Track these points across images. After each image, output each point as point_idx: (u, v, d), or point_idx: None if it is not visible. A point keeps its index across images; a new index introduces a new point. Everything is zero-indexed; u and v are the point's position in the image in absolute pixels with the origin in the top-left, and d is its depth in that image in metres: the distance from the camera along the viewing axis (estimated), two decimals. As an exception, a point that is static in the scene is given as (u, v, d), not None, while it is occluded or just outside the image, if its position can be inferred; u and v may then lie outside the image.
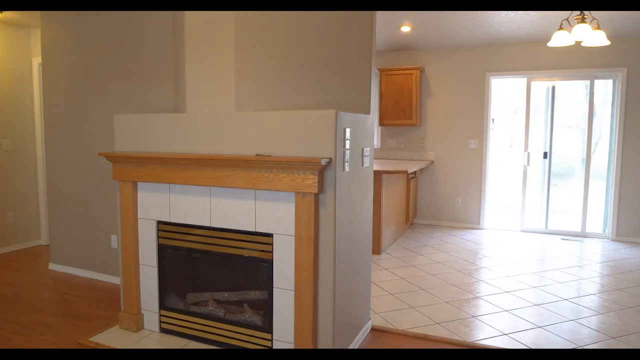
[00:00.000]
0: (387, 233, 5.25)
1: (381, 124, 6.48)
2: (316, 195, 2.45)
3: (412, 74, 6.24)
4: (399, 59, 6.57)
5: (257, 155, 2.56)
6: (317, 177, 2.39)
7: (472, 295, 3.81)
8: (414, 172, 6.14)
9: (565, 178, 6.99)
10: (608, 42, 4.07)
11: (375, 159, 6.75)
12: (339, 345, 2.62)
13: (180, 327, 2.99)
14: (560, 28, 4.12)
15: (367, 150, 2.93)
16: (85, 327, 3.13)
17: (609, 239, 5.82)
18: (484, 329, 3.17)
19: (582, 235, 5.95)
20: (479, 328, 3.19)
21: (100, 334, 3.02)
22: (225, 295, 3.00)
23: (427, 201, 6.65)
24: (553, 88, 6.11)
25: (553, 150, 6.17)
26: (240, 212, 2.69)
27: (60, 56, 4.12)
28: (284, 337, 2.64)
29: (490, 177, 6.50)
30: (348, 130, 2.56)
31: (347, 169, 2.57)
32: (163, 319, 3.04)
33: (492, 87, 6.26)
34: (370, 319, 3.20)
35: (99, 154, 2.93)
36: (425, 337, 3.05)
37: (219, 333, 2.87)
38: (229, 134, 2.70)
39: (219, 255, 2.84)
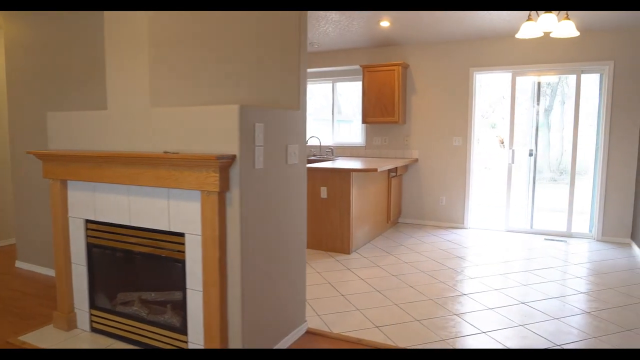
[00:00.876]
0: (359, 233, 5.09)
1: (364, 121, 6.30)
2: (221, 194, 2.33)
3: (394, 70, 6.04)
4: (383, 55, 6.38)
5: (164, 153, 2.47)
6: (218, 175, 2.27)
7: (426, 298, 3.62)
8: (395, 170, 5.95)
9: (552, 176, 6.65)
10: (577, 33, 3.81)
11: (359, 157, 6.58)
12: (260, 347, 2.51)
13: (109, 327, 2.93)
14: (529, 19, 3.90)
15: (295, 147, 2.80)
16: (22, 326, 3.11)
17: (594, 239, 5.50)
18: (424, 334, 2.99)
19: (568, 235, 5.64)
20: (419, 333, 3.01)
21: (31, 333, 2.98)
22: (152, 295, 2.92)
23: (411, 200, 6.44)
24: (539, 84, 5.82)
25: (539, 148, 5.87)
26: (155, 211, 2.60)
27: (20, 55, 4.13)
28: (197, 339, 2.54)
29: (476, 176, 6.25)
30: (260, 126, 2.43)
31: (259, 165, 2.45)
32: (94, 318, 2.99)
33: (477, 83, 6.01)
34: (306, 321, 3.07)
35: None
36: (358, 342, 2.89)
37: (142, 334, 2.79)
38: (142, 131, 2.61)
39: (140, 255, 2.76)
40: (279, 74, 2.83)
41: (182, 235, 2.53)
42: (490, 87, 7.70)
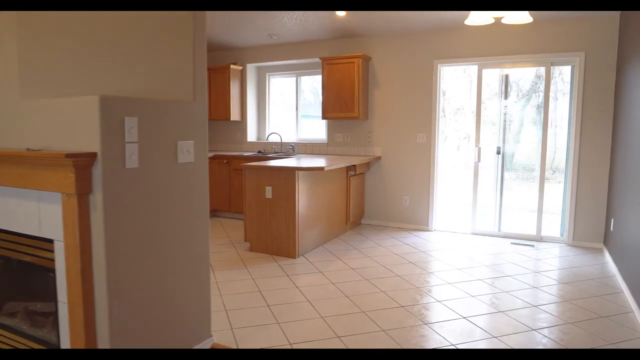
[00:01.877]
0: (308, 235, 4.83)
1: (324, 117, 6.03)
2: (82, 197, 2.07)
3: (353, 62, 5.77)
4: (344, 47, 6.11)
5: (27, 150, 2.21)
6: (74, 176, 2.01)
7: (358, 310, 3.36)
8: (354, 168, 5.68)
9: (523, 176, 6.39)
10: (530, 19, 3.54)
11: (320, 154, 6.31)
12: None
13: (-11, 342, 2.67)
14: (479, 5, 3.62)
15: (188, 144, 2.53)
16: None
17: (565, 243, 5.24)
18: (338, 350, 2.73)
19: (537, 239, 5.38)
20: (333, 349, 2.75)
21: None
22: (37, 307, 2.67)
23: (374, 200, 6.18)
24: (506, 77, 5.54)
25: (506, 146, 5.61)
26: (24, 213, 2.35)
27: None
28: None
29: (442, 175, 5.99)
30: (132, 120, 2.17)
31: (132, 165, 2.18)
32: (-26, 332, 2.73)
33: (442, 76, 5.74)
34: (211, 336, 2.81)
35: None
36: (263, 361, 2.64)
37: (20, 348, 2.53)
38: (9, 126, 2.35)
39: (18, 263, 2.51)
40: (170, 64, 2.57)
41: (50, 241, 2.27)
42: (460, 81, 7.44)
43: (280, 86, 7.13)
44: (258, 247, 4.84)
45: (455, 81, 7.84)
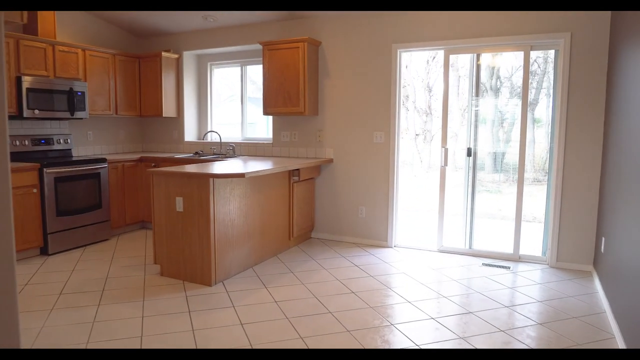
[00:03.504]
0: (229, 257, 3.95)
1: (265, 112, 5.16)
2: None
3: (298, 47, 4.90)
4: (292, 30, 5.24)
5: None
6: None
7: (255, 370, 2.49)
8: (297, 173, 4.81)
9: (497, 182, 5.53)
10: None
11: (264, 156, 5.44)
12: None
13: None
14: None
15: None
16: None
17: (548, 264, 4.40)
18: None
19: (514, 259, 4.54)
20: None
21: None
22: None
23: (326, 210, 5.31)
24: (478, 65, 4.71)
25: (479, 146, 4.77)
26: None
27: None
28: None
29: (404, 180, 5.14)
30: None
31: None
32: None
33: (403, 64, 4.89)
34: None
35: None
36: None
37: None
38: None
39: None
40: None
41: None
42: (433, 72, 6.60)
43: (223, 77, 6.25)
44: (169, 270, 3.96)
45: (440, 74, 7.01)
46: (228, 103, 6.26)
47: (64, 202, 4.63)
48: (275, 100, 5.08)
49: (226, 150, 5.76)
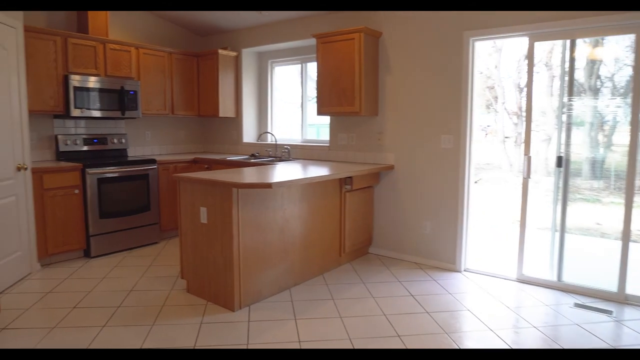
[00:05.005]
0: (263, 277, 3.23)
1: (319, 112, 4.37)
2: None
3: (353, 38, 4.05)
4: (352, 21, 4.40)
5: None
6: None
7: None
8: (350, 182, 3.96)
9: (595, 190, 4.16)
10: None
11: (319, 160, 4.65)
12: None
13: None
14: None
15: None
16: None
17: (669, 313, 3.12)
18: None
19: (619, 299, 3.30)
20: None
21: None
22: None
23: (385, 223, 4.40)
24: (572, 58, 3.50)
25: (572, 151, 3.56)
26: None
27: None
28: None
29: (477, 192, 4.07)
30: None
31: None
32: None
33: (477, 56, 3.82)
34: None
35: None
36: None
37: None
38: None
39: None
40: None
41: None
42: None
43: (285, 76, 5.57)
44: (195, 288, 3.34)
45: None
46: (289, 103, 5.58)
47: (108, 203, 4.23)
48: (330, 99, 4.27)
49: (281, 153, 5.07)
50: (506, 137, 8.50)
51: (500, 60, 7.21)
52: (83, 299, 3.23)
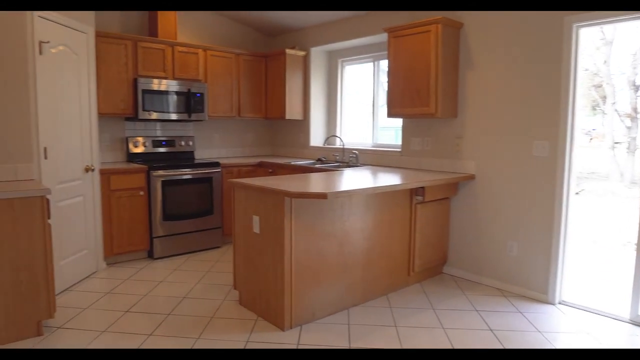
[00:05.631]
0: (318, 293, 3.01)
1: (389, 113, 4.06)
2: None
3: (429, 31, 3.68)
4: (426, 12, 4.03)
5: None
6: None
7: None
8: (422, 192, 3.60)
9: None
10: None
11: (390, 166, 4.34)
12: None
13: None
14: None
15: None
16: None
17: None
18: None
19: None
20: None
21: None
22: None
23: (463, 240, 3.96)
24: None
25: None
26: None
27: None
28: None
29: (576, 209, 3.48)
30: None
31: None
32: None
33: (582, 47, 3.27)
34: None
35: None
36: None
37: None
38: None
39: None
40: None
41: None
42: None
43: (356, 75, 5.32)
44: (246, 300, 3.21)
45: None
46: (360, 104, 5.32)
47: (172, 206, 4.29)
48: (401, 99, 3.95)
49: (349, 158, 4.83)
50: (616, 143, 7.48)
51: (610, 55, 6.34)
52: (137, 302, 3.26)
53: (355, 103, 5.34)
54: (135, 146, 4.56)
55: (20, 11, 2.90)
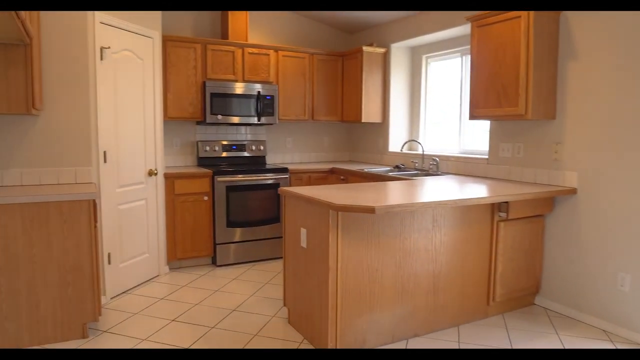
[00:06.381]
0: (367, 320, 2.72)
1: (471, 115, 3.62)
2: None
3: (519, 17, 3.18)
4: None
5: None
6: None
7: None
8: (506, 208, 3.12)
9: None
10: None
11: (475, 176, 3.87)
12: None
13: None
14: None
15: None
16: None
17: None
18: None
19: None
20: None
21: None
22: None
23: (560, 267, 3.37)
24: None
25: None
26: None
27: None
28: None
29: None
30: None
31: None
32: None
33: None
34: None
35: None
36: None
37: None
38: None
39: None
40: None
41: None
42: None
43: (443, 72, 4.89)
44: (294, 319, 3.04)
45: None
46: (447, 105, 4.88)
47: (236, 212, 4.30)
48: (485, 98, 3.49)
49: (429, 166, 4.44)
50: None
51: None
52: (186, 311, 3.26)
53: (441, 104, 4.91)
54: (206, 150, 4.67)
55: (86, 13, 3.07)
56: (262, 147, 4.97)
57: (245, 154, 4.89)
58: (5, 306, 2.57)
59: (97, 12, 3.16)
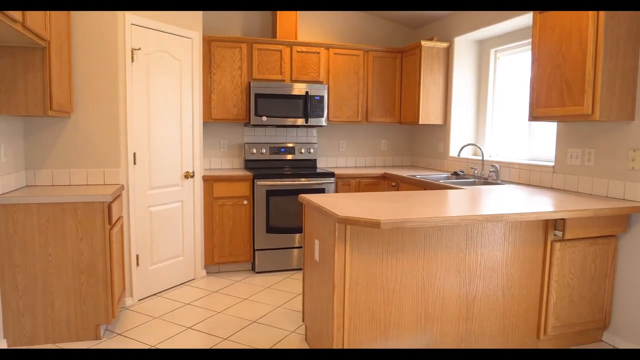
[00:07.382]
0: (384, 346, 2.51)
1: (531, 116, 3.21)
2: None
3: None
4: None
5: None
6: None
7: None
8: (562, 226, 2.70)
9: None
10: None
11: (535, 186, 3.43)
12: None
13: None
14: None
15: None
16: None
17: None
18: None
19: None
20: None
21: None
22: None
23: (635, 298, 2.85)
24: None
25: None
26: None
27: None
28: None
29: None
30: None
31: None
32: None
33: None
34: None
35: None
36: None
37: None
38: None
39: None
40: None
41: None
42: None
43: (515, 68, 4.43)
44: (311, 337, 2.91)
45: None
46: (517, 105, 4.42)
47: (276, 217, 4.27)
48: (547, 96, 3.08)
49: (488, 173, 4.04)
50: None
51: None
52: (206, 319, 3.28)
53: (512, 104, 4.46)
54: (252, 153, 4.71)
55: (116, 14, 3.22)
56: (312, 150, 4.90)
57: (294, 157, 4.85)
58: (22, 303, 2.77)
59: (127, 14, 3.30)
